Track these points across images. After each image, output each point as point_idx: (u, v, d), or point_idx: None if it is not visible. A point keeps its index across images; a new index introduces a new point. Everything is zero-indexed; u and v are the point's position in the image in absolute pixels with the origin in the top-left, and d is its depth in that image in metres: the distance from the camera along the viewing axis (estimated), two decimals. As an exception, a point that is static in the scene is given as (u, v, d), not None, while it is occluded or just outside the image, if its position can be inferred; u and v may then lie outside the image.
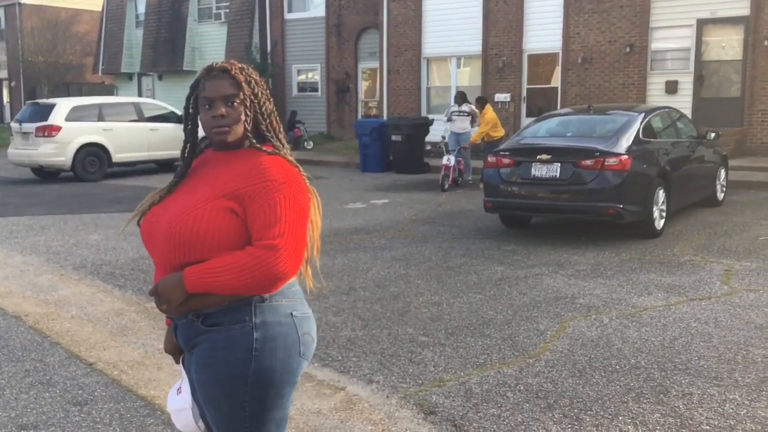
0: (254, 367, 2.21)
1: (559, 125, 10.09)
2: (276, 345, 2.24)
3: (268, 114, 2.36)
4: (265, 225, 2.17)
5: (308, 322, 2.35)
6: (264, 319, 2.23)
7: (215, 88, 2.29)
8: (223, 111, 2.28)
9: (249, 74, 2.34)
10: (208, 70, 2.34)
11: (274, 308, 2.26)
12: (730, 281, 6.82)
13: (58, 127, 16.04)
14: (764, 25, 16.06)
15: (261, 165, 2.25)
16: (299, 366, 2.31)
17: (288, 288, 2.30)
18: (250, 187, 2.21)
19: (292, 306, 2.31)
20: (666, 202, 9.06)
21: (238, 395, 2.23)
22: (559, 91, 18.95)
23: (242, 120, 2.29)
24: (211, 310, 2.23)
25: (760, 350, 4.97)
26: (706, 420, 3.92)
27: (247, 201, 2.20)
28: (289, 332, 2.27)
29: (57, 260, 8.14)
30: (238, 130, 2.30)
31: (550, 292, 6.54)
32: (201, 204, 2.23)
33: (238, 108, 2.29)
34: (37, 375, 4.74)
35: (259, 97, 2.33)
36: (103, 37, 32.55)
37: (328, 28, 25.03)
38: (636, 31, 17.67)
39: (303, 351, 2.31)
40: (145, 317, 5.99)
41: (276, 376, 2.25)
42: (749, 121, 16.43)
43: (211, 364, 2.24)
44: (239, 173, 2.25)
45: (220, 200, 2.22)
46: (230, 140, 2.31)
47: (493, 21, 19.85)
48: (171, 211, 2.29)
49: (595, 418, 3.97)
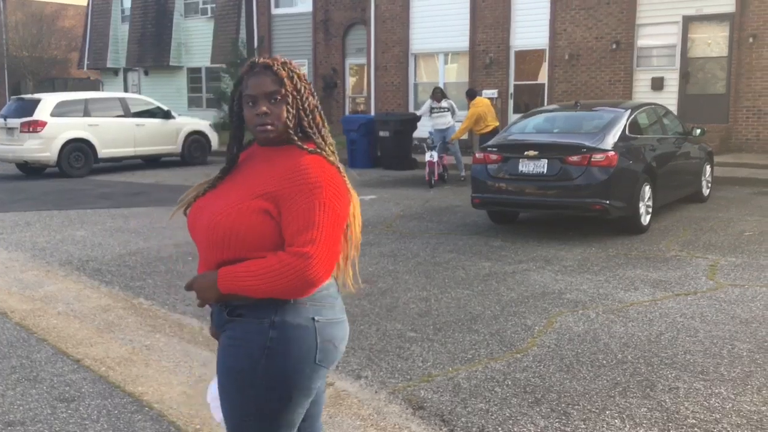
0: (265, 364, 2.21)
1: (546, 121, 10.12)
2: (290, 347, 2.22)
3: (310, 110, 2.36)
4: (298, 230, 2.16)
5: (333, 328, 2.31)
6: (283, 319, 2.22)
7: (258, 85, 2.29)
8: (265, 108, 2.28)
9: (291, 70, 2.34)
10: (251, 66, 2.34)
11: (296, 310, 2.23)
12: (715, 276, 6.87)
13: (44, 123, 15.93)
14: (749, 22, 16.16)
15: (299, 166, 2.23)
16: (314, 372, 2.27)
17: (318, 291, 2.26)
18: (287, 188, 2.20)
19: (317, 310, 2.27)
20: (652, 197, 9.11)
21: (248, 389, 2.23)
22: (546, 88, 19.01)
23: (285, 116, 2.29)
24: (238, 302, 2.25)
25: (746, 345, 5.01)
26: (692, 414, 3.95)
27: (282, 203, 2.19)
28: (306, 337, 2.24)
29: (43, 256, 8.10)
30: (281, 126, 2.30)
31: (537, 288, 6.56)
32: (237, 203, 2.23)
33: (280, 104, 2.29)
34: (24, 371, 4.71)
35: (302, 92, 2.33)
36: (89, 31, 32.33)
37: (315, 23, 24.99)
38: (622, 28, 17.74)
39: (320, 358, 2.27)
40: (132, 313, 5.97)
41: (285, 379, 2.23)
42: (734, 118, 16.54)
43: (228, 354, 2.26)
44: (278, 173, 2.24)
45: (257, 200, 2.22)
46: (273, 137, 2.31)
47: (481, 17, 19.87)
48: (211, 207, 2.30)
49: (582, 413, 3.99)
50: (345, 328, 2.38)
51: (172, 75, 29.80)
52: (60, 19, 39.92)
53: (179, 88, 29.63)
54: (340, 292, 2.43)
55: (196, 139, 18.58)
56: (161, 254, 8.14)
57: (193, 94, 29.42)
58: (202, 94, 29.08)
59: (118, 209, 11.50)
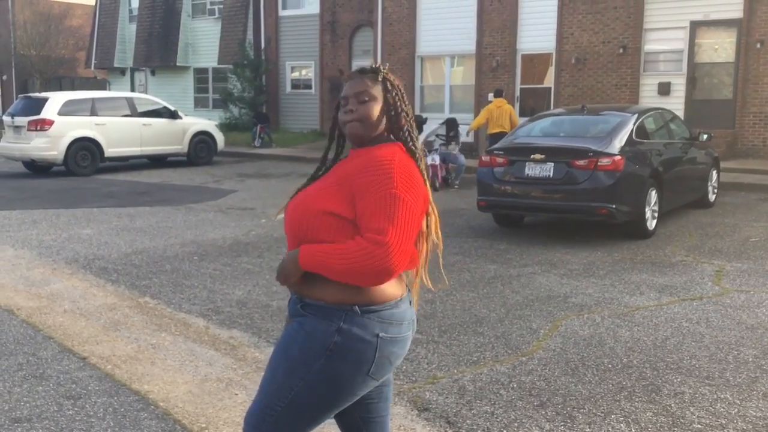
0: (322, 362, 2.29)
1: (553, 125, 10.13)
2: (349, 357, 2.30)
3: (399, 114, 2.43)
4: (374, 219, 2.21)
5: (395, 345, 2.36)
6: (350, 329, 2.28)
7: (350, 86, 2.42)
8: (352, 107, 2.39)
9: (385, 76, 2.43)
10: (350, 75, 2.46)
11: (363, 324, 2.30)
12: (721, 282, 6.86)
13: (51, 121, 15.98)
14: (757, 28, 16.14)
15: (377, 157, 2.31)
16: (363, 383, 2.35)
17: (387, 308, 2.33)
18: (362, 178, 2.26)
19: (384, 327, 2.32)
20: (658, 202, 9.11)
21: (296, 378, 2.32)
22: (553, 92, 18.99)
23: (372, 118, 2.38)
24: (312, 300, 2.34)
25: (751, 350, 5.00)
26: (697, 419, 3.95)
27: (358, 192, 2.26)
28: (367, 351, 2.30)
29: (49, 254, 8.12)
30: (366, 125, 2.38)
31: (542, 291, 6.56)
32: (317, 190, 2.36)
33: (368, 104, 2.38)
34: (30, 368, 4.73)
35: (394, 96, 2.42)
36: (96, 31, 32.41)
37: (323, 25, 25.02)
38: (629, 33, 17.73)
39: (373, 371, 2.34)
40: (138, 312, 5.99)
41: (334, 382, 2.31)
42: (741, 124, 16.51)
43: (293, 340, 2.35)
44: (357, 164, 2.32)
45: (332, 186, 2.32)
46: (360, 134, 2.39)
47: (488, 20, 19.87)
48: (300, 195, 2.45)
49: (587, 416, 3.99)
50: (406, 344, 2.43)
51: (178, 75, 29.86)
52: (68, 18, 40.05)
53: (186, 88, 29.68)
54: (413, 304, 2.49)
55: (202, 139, 18.61)
56: (167, 253, 8.16)
57: (199, 95, 29.48)
58: (209, 94, 29.13)
59: (124, 208, 11.52)
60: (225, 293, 6.55)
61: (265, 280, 6.96)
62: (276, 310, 6.01)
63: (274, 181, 15.38)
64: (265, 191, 13.63)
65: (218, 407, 4.14)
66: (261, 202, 12.21)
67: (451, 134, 14.66)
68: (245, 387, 4.42)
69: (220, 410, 4.10)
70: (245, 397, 4.26)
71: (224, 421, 3.95)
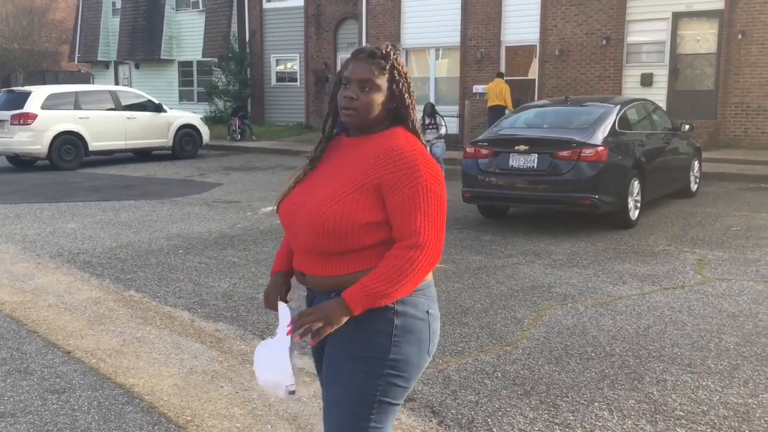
0: (394, 351, 2.26)
1: (537, 116, 10.16)
2: (412, 338, 2.28)
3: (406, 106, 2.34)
4: (409, 219, 2.20)
5: (437, 322, 2.39)
6: (405, 310, 2.27)
7: (355, 70, 2.28)
8: (353, 94, 2.27)
9: (394, 62, 2.31)
10: (358, 51, 2.33)
11: (414, 303, 2.29)
12: (703, 271, 6.92)
13: (34, 115, 15.87)
14: (738, 19, 16.24)
15: (394, 149, 2.25)
16: (425, 362, 2.35)
17: (427, 287, 2.35)
18: (387, 176, 2.21)
19: (429, 304, 2.35)
20: (641, 192, 9.17)
21: (375, 376, 2.26)
22: (537, 83, 19.07)
23: (373, 107, 2.28)
24: None
25: (732, 338, 5.06)
26: (679, 406, 3.99)
27: (387, 191, 2.21)
28: (423, 329, 2.31)
29: (33, 249, 8.09)
30: (366, 115, 2.29)
31: (527, 281, 6.60)
32: (341, 194, 2.24)
33: (370, 94, 2.28)
34: (14, 363, 4.72)
35: (401, 87, 2.32)
36: (80, 24, 32.20)
37: (307, 17, 24.95)
38: (612, 24, 17.80)
39: (430, 349, 2.36)
40: (123, 306, 5.98)
41: (408, 367, 2.29)
42: (722, 114, 16.63)
43: (352, 341, 2.27)
44: (374, 160, 2.26)
45: (359, 191, 2.23)
46: (355, 124, 2.31)
47: (472, 12, 19.89)
48: (311, 199, 2.30)
49: (571, 404, 4.03)
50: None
51: (163, 68, 29.71)
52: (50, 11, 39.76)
53: (170, 81, 29.55)
54: None
55: (187, 132, 18.54)
56: (152, 247, 8.14)
57: (184, 88, 29.36)
58: (194, 87, 29.02)
59: (109, 202, 11.48)
60: (210, 286, 6.55)
61: (251, 273, 6.97)
62: (261, 302, 6.00)
63: (259, 174, 15.36)
64: (251, 184, 13.61)
65: (204, 400, 4.15)
66: (246, 195, 12.20)
67: (428, 122, 14.30)
68: (231, 379, 4.43)
69: (206, 403, 4.11)
70: (231, 390, 4.27)
71: (210, 414, 3.96)
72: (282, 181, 13.79)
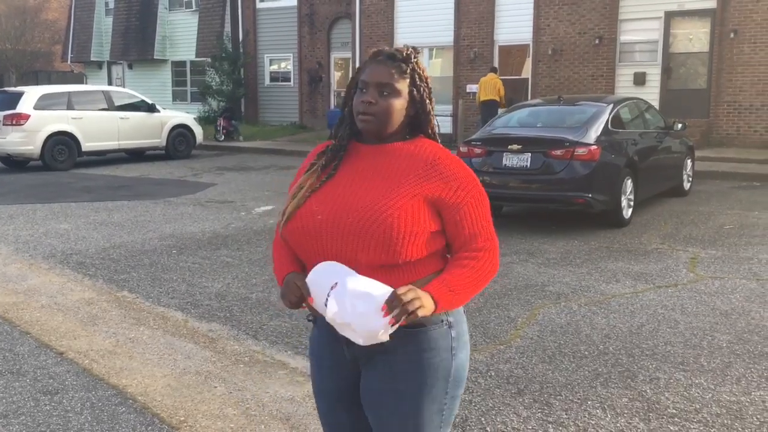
0: (454, 364, 2.17)
1: (530, 116, 10.17)
2: (463, 341, 2.22)
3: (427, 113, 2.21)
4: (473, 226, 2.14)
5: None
6: (455, 318, 2.20)
7: (374, 73, 2.14)
8: (372, 98, 2.12)
9: (415, 65, 2.17)
10: (376, 54, 2.18)
11: (458, 311, 2.23)
12: (695, 269, 6.94)
13: (27, 116, 15.81)
14: (730, 18, 16.29)
15: (440, 162, 2.14)
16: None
17: None
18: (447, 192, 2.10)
19: (461, 311, 2.30)
20: (634, 191, 9.19)
21: (439, 399, 2.16)
22: (530, 82, 19.09)
23: (393, 113, 2.13)
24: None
25: (725, 336, 5.08)
26: (672, 404, 4.01)
27: (443, 205, 2.10)
28: (466, 329, 2.26)
29: (26, 249, 8.06)
30: (384, 121, 2.14)
31: (520, 280, 6.61)
32: (397, 202, 2.06)
33: (388, 99, 2.13)
34: (7, 364, 4.71)
35: (421, 92, 2.18)
36: (73, 24, 32.11)
37: (300, 17, 24.93)
38: (605, 23, 17.83)
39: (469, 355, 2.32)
40: (116, 306, 5.97)
41: (464, 372, 2.23)
42: (715, 113, 16.67)
43: (416, 369, 2.13)
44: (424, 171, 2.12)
45: (415, 200, 2.07)
46: (372, 130, 2.15)
47: (465, 12, 19.91)
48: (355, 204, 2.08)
49: (564, 403, 4.04)
50: None
51: (156, 68, 29.66)
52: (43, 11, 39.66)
53: (164, 81, 29.49)
54: None
55: (180, 132, 18.50)
56: (145, 247, 8.13)
57: (177, 88, 29.30)
58: (187, 87, 28.97)
59: (102, 203, 11.45)
60: (204, 286, 6.54)
61: (244, 273, 6.96)
62: (255, 302, 6.02)
63: (253, 174, 15.34)
64: (245, 184, 13.59)
65: (197, 400, 4.14)
66: (240, 195, 12.18)
67: None
68: (224, 380, 4.43)
69: (199, 403, 4.10)
70: (224, 390, 4.27)
71: (203, 414, 3.96)
72: (276, 181, 13.79)
